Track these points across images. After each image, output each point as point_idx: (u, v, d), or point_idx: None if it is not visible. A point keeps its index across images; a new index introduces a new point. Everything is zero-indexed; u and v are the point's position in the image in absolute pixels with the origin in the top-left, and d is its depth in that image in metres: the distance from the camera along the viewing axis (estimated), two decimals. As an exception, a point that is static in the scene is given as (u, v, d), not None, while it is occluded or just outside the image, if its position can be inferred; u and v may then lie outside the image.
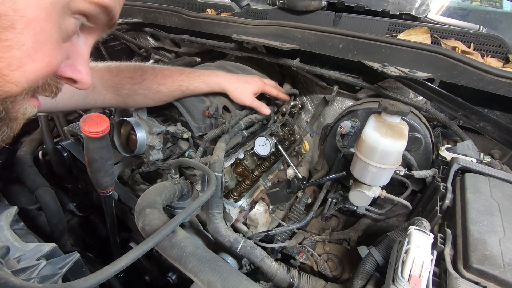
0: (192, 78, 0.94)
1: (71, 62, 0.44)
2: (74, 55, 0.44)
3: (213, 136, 0.91)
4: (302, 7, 1.26)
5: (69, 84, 0.47)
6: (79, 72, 0.45)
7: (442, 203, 0.72)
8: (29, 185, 1.06)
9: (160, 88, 0.91)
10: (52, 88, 0.43)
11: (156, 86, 0.90)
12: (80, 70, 0.45)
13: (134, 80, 0.89)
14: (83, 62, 0.45)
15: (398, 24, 1.13)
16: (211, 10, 1.56)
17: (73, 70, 0.44)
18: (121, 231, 1.11)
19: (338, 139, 1.01)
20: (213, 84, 0.96)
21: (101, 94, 0.87)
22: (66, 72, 0.44)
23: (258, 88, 1.03)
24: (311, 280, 0.79)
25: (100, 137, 0.68)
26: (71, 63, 0.44)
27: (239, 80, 1.00)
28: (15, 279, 0.49)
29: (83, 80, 0.46)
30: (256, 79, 1.04)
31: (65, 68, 0.43)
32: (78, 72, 0.45)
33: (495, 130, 0.80)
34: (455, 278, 0.52)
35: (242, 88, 0.99)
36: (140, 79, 0.89)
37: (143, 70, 0.90)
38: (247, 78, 1.03)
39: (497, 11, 2.02)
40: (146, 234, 0.66)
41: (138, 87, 0.89)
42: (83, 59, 0.45)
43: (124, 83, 0.88)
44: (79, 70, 0.45)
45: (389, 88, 1.08)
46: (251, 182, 1.07)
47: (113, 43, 1.86)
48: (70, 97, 0.81)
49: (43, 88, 0.42)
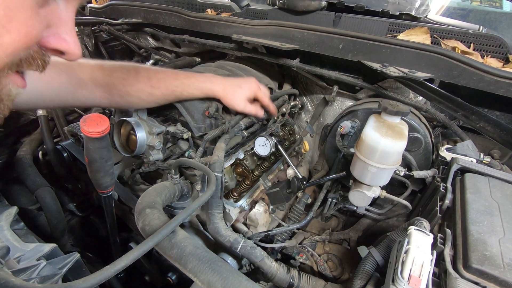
0: (187, 85, 0.93)
1: (54, 30, 0.40)
2: (56, 22, 0.40)
3: (213, 136, 0.91)
4: (302, 7, 1.26)
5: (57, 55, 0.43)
6: (64, 41, 0.41)
7: (442, 203, 0.72)
8: (29, 185, 1.06)
9: (153, 91, 0.89)
10: (38, 61, 0.40)
11: (150, 89, 0.88)
12: (66, 39, 0.41)
13: (127, 81, 0.87)
14: (67, 29, 0.41)
15: (398, 24, 1.13)
16: (211, 10, 1.56)
17: (57, 39, 0.40)
18: (121, 231, 1.11)
19: (338, 139, 1.01)
20: (207, 91, 0.95)
21: (91, 92, 0.84)
22: (50, 42, 0.40)
23: (252, 92, 1.00)
24: (311, 280, 0.79)
25: (100, 137, 0.68)
26: (54, 31, 0.40)
27: (232, 85, 0.98)
28: (15, 279, 0.49)
29: (70, 50, 0.42)
30: (250, 83, 1.01)
31: (49, 38, 0.40)
32: (63, 41, 0.41)
33: (495, 130, 0.80)
34: (455, 278, 0.52)
35: (234, 93, 0.97)
36: (133, 81, 0.87)
37: (137, 72, 0.89)
38: (241, 83, 1.00)
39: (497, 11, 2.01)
40: (146, 234, 0.66)
41: (131, 89, 0.87)
42: (67, 26, 0.41)
43: (116, 84, 0.86)
44: (64, 39, 0.41)
45: (389, 88, 1.08)
46: (251, 182, 1.07)
47: (113, 43, 1.87)
48: (57, 91, 0.78)
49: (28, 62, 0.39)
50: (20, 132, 1.37)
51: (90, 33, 1.67)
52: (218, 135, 0.93)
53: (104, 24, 1.63)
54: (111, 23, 1.63)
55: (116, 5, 1.70)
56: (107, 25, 1.62)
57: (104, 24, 1.63)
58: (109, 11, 1.73)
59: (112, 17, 1.69)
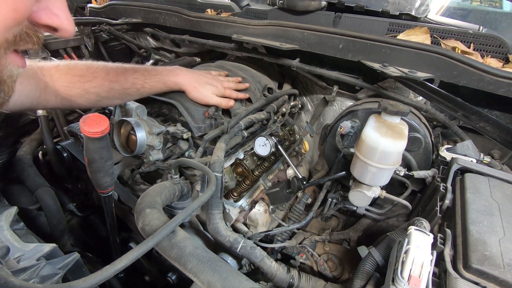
0: (148, 77, 0.91)
1: (45, 4, 0.39)
2: None
3: (213, 136, 0.91)
4: (302, 7, 1.26)
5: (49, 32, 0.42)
6: (56, 16, 0.40)
7: (442, 203, 0.72)
8: (29, 185, 1.06)
9: (112, 85, 0.87)
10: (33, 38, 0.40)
11: (108, 84, 0.87)
12: (58, 14, 0.40)
13: (85, 78, 0.85)
14: (58, 4, 0.40)
15: (398, 24, 1.13)
16: (211, 10, 1.56)
17: (48, 14, 0.39)
18: (121, 231, 1.11)
19: (338, 139, 1.01)
20: (170, 83, 0.94)
21: (52, 94, 0.83)
22: (42, 17, 0.39)
23: (221, 90, 0.99)
24: (311, 280, 0.79)
25: (100, 137, 0.68)
26: (45, 6, 0.39)
27: (200, 81, 0.97)
28: (15, 279, 0.49)
29: (62, 25, 0.41)
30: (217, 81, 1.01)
31: (39, 13, 0.39)
32: (55, 16, 0.40)
33: (495, 130, 0.80)
34: (455, 279, 0.52)
35: (201, 88, 0.96)
36: (90, 76, 0.85)
37: (94, 68, 0.87)
38: (211, 79, 1.00)
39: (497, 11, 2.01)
40: (146, 234, 0.66)
41: (89, 85, 0.85)
42: (59, 1, 0.40)
43: (74, 82, 0.84)
44: (56, 14, 0.40)
45: (389, 88, 1.08)
46: (251, 182, 1.07)
47: (113, 43, 1.87)
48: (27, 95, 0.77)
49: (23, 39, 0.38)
50: (20, 132, 1.36)
51: (90, 33, 1.67)
52: (218, 135, 0.93)
53: (104, 24, 1.63)
54: (111, 23, 1.63)
55: (116, 5, 1.70)
56: (107, 25, 1.62)
57: (104, 24, 1.63)
58: (109, 11, 1.73)
59: (112, 17, 1.69)
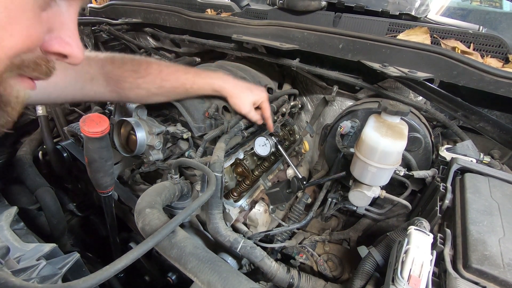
0: (197, 78, 0.92)
1: (57, 34, 0.40)
2: (58, 26, 0.40)
3: (213, 136, 0.91)
4: (302, 7, 1.26)
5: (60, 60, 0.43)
6: (67, 44, 0.41)
7: (442, 203, 0.72)
8: (29, 185, 1.06)
9: (163, 84, 0.89)
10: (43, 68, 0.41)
11: (160, 82, 0.88)
12: (69, 42, 0.41)
13: (138, 74, 0.86)
14: (70, 33, 0.41)
15: (398, 24, 1.13)
16: (211, 10, 1.56)
17: (60, 43, 0.40)
18: (121, 231, 1.11)
19: (338, 139, 1.01)
20: (216, 87, 0.95)
21: (101, 86, 0.84)
22: (53, 46, 0.40)
23: (260, 99, 0.99)
24: (311, 280, 0.80)
25: (100, 137, 0.68)
26: (57, 35, 0.40)
27: (243, 87, 0.98)
28: (15, 279, 0.49)
29: (73, 53, 0.42)
30: (261, 90, 1.02)
31: (51, 42, 0.40)
32: (66, 44, 0.41)
33: (494, 130, 0.80)
34: (455, 278, 0.52)
35: (242, 94, 0.96)
36: (144, 73, 0.87)
37: (148, 64, 0.89)
38: (252, 87, 1.01)
39: (497, 11, 2.01)
40: (146, 234, 0.66)
41: (142, 81, 0.87)
42: (70, 30, 0.41)
43: (127, 76, 0.86)
44: (67, 43, 0.41)
45: (389, 88, 1.08)
46: (251, 182, 1.07)
47: (113, 43, 1.86)
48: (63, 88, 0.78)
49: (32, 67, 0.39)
50: (20, 132, 1.37)
51: (90, 33, 1.67)
52: (218, 135, 0.93)
53: (104, 24, 1.63)
54: (111, 23, 1.63)
55: (116, 5, 1.70)
56: (107, 25, 1.62)
57: (104, 24, 1.63)
58: (109, 11, 1.73)
59: (112, 17, 1.69)
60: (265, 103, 1.00)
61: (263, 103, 1.00)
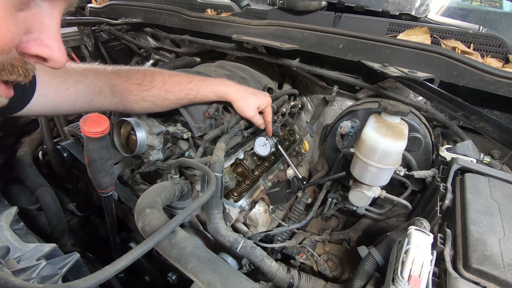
0: (201, 87, 0.93)
1: (36, 35, 0.38)
2: (38, 27, 0.37)
3: (213, 136, 0.91)
4: (302, 7, 1.26)
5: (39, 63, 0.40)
6: (47, 47, 0.39)
7: (442, 203, 0.72)
8: (29, 185, 1.06)
9: (168, 95, 0.90)
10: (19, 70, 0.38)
11: (164, 94, 0.89)
12: (49, 44, 0.39)
13: (143, 87, 0.88)
14: (51, 35, 0.39)
15: (398, 24, 1.13)
16: (211, 10, 1.56)
17: (39, 45, 0.38)
18: (121, 231, 1.11)
19: (338, 139, 1.01)
20: (220, 93, 0.95)
21: (108, 99, 0.85)
22: (31, 47, 0.38)
23: (263, 103, 0.99)
24: (311, 280, 0.80)
25: (100, 137, 0.68)
26: (36, 37, 0.38)
27: (247, 91, 0.98)
28: (15, 279, 0.49)
29: (53, 56, 0.39)
30: (265, 95, 1.02)
31: (29, 43, 0.37)
32: (45, 47, 0.38)
33: (495, 130, 0.80)
34: (455, 278, 0.52)
35: (248, 99, 0.96)
36: (149, 86, 0.88)
37: (152, 77, 0.89)
38: (256, 91, 1.01)
39: (497, 11, 2.01)
40: (146, 234, 0.66)
41: (147, 94, 0.88)
42: (51, 32, 0.39)
43: (132, 89, 0.87)
44: (47, 45, 0.39)
45: (389, 88, 1.08)
46: (251, 182, 1.07)
47: (113, 43, 1.87)
48: (73, 102, 0.79)
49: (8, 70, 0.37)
50: (20, 132, 1.37)
51: (90, 33, 1.67)
52: (218, 135, 0.93)
53: (104, 24, 1.63)
54: (111, 23, 1.63)
55: (116, 5, 1.70)
56: (107, 25, 1.62)
57: (104, 24, 1.63)
58: (109, 11, 1.73)
59: (112, 17, 1.69)
60: (268, 107, 1.01)
61: (266, 108, 1.01)
